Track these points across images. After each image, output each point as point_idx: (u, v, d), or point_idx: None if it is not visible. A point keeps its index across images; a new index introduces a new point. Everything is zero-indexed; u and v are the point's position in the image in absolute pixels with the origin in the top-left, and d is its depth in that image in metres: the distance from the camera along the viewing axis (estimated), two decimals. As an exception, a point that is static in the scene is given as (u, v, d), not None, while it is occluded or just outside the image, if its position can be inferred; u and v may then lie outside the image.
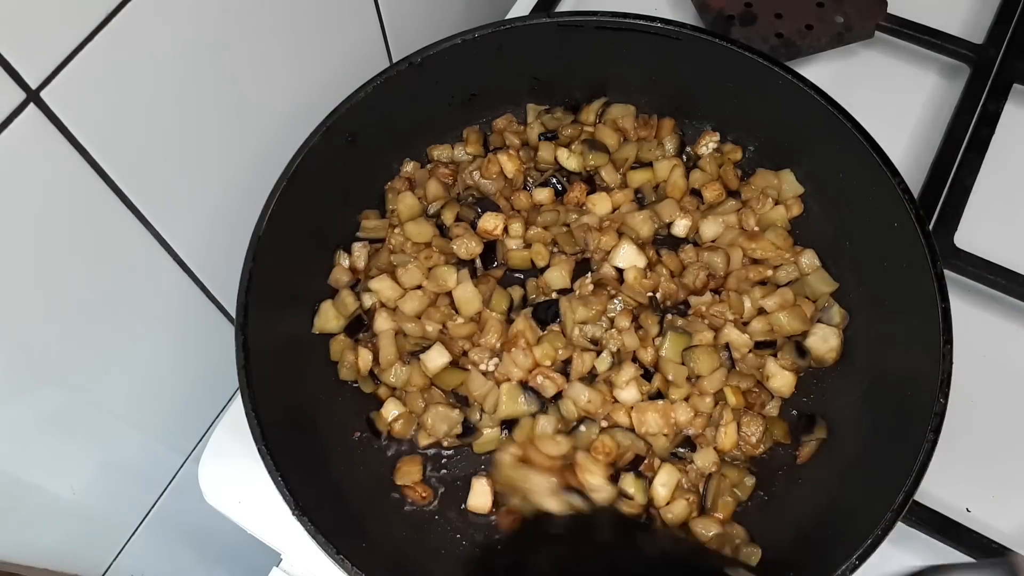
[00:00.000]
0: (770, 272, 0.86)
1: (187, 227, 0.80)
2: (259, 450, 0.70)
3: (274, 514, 0.78)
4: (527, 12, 1.04)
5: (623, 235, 0.87)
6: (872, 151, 0.78)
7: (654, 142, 0.92)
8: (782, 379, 0.82)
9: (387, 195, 0.92)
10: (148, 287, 0.79)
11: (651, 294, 0.86)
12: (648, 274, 0.86)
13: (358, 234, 0.89)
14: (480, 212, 0.88)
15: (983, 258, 0.86)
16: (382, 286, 0.85)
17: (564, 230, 0.89)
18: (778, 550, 0.75)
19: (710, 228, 0.88)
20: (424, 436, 0.82)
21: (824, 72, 1.00)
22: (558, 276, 0.86)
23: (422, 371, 0.82)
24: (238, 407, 0.83)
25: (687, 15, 1.05)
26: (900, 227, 0.76)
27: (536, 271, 0.88)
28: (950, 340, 0.71)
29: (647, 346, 0.83)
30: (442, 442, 0.82)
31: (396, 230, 0.88)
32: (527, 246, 0.89)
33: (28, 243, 0.64)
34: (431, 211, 0.91)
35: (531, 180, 0.93)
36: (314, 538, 0.68)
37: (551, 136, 0.93)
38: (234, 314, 0.75)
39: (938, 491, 0.78)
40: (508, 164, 0.91)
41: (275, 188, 0.79)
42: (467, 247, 0.86)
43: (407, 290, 0.85)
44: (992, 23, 0.99)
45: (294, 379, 0.80)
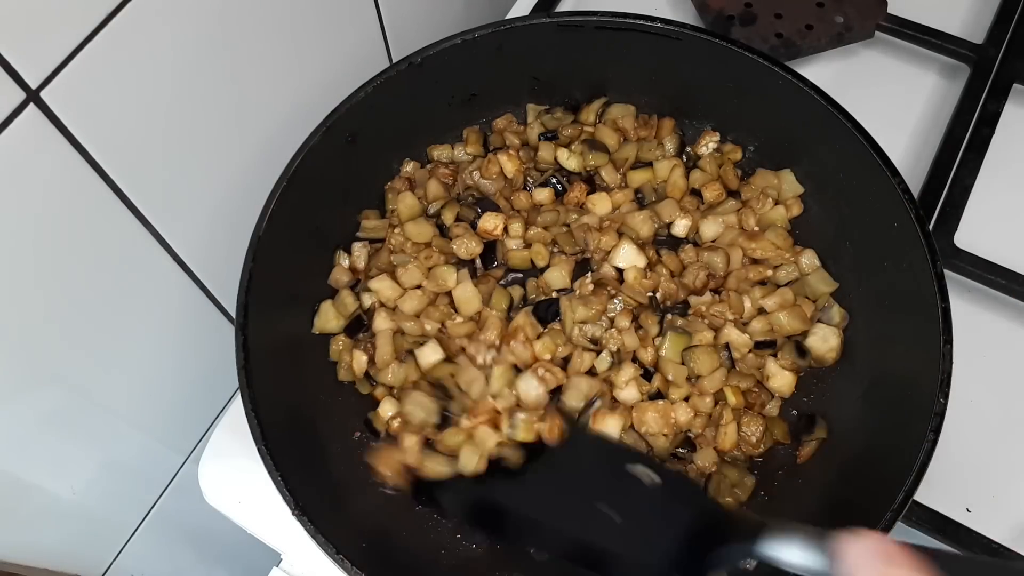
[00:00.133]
0: (770, 272, 0.86)
1: (187, 227, 0.80)
2: (259, 450, 0.70)
3: (274, 514, 0.78)
4: (527, 12, 1.04)
5: (623, 235, 0.87)
6: (872, 151, 0.78)
7: (654, 142, 0.92)
8: (782, 379, 0.82)
9: (387, 195, 0.92)
10: (148, 287, 0.79)
11: (651, 294, 0.86)
12: (648, 274, 0.86)
13: (358, 234, 0.89)
14: (480, 212, 0.88)
15: (983, 258, 0.86)
16: (382, 286, 0.85)
17: (564, 230, 0.89)
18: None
19: (710, 228, 0.88)
20: (406, 433, 0.79)
21: (824, 72, 1.00)
22: (558, 276, 0.86)
23: (416, 367, 0.82)
24: (238, 407, 0.83)
25: (687, 15, 1.05)
26: (900, 227, 0.76)
27: (536, 271, 0.88)
28: (950, 340, 0.71)
29: (647, 346, 0.83)
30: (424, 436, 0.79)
31: (396, 230, 0.88)
32: (527, 246, 0.89)
33: (28, 243, 0.64)
34: (431, 211, 0.91)
35: (531, 180, 0.93)
36: (314, 538, 0.68)
37: (551, 136, 0.93)
38: (234, 314, 0.75)
39: (938, 491, 0.78)
40: (508, 164, 0.91)
41: (275, 188, 0.79)
42: (467, 247, 0.86)
43: (407, 290, 0.85)
44: (992, 23, 0.99)
45: (294, 379, 0.80)
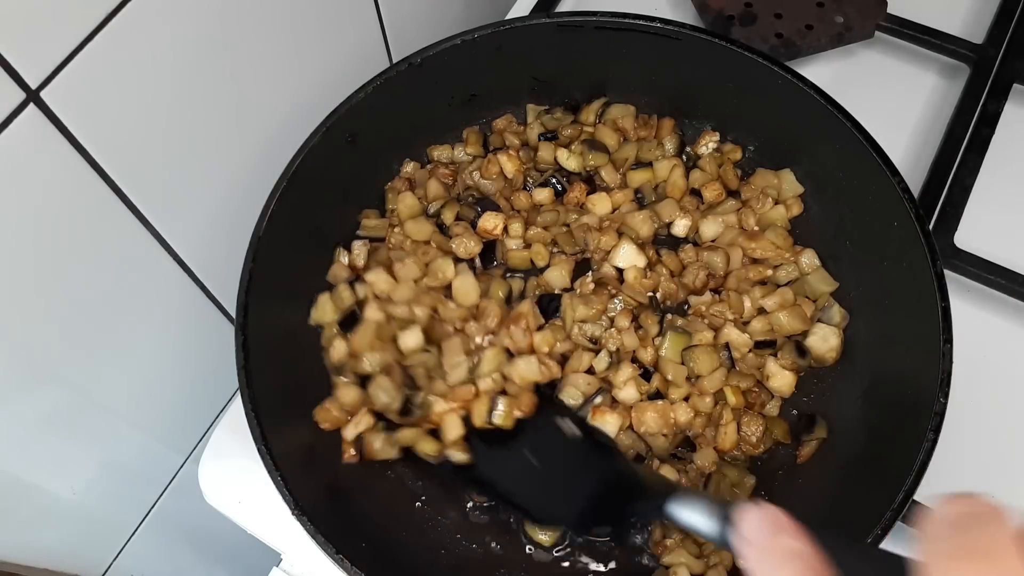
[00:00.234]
0: (770, 272, 0.86)
1: (187, 227, 0.80)
2: (259, 450, 0.70)
3: (274, 514, 0.78)
4: (527, 12, 1.04)
5: (623, 235, 0.87)
6: (872, 151, 0.78)
7: (654, 142, 0.92)
8: (782, 379, 0.82)
9: (387, 195, 0.92)
10: (148, 287, 0.79)
11: (651, 294, 0.86)
12: (648, 274, 0.86)
13: (358, 232, 0.89)
14: (480, 212, 0.88)
15: (983, 258, 0.86)
16: (377, 278, 0.83)
17: (564, 230, 0.89)
18: (778, 550, 0.75)
19: (710, 228, 0.88)
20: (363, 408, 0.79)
21: (824, 72, 1.00)
22: (558, 276, 0.86)
23: (394, 353, 0.79)
24: (238, 407, 0.83)
25: (687, 15, 1.05)
26: (900, 227, 0.76)
27: (536, 271, 0.88)
28: (950, 340, 0.71)
29: (647, 346, 0.83)
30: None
31: (396, 229, 0.88)
32: (527, 246, 0.89)
33: (28, 243, 0.64)
34: (431, 211, 0.91)
35: (531, 180, 0.93)
36: (314, 538, 0.68)
37: (551, 136, 0.93)
38: (234, 314, 0.75)
39: (938, 491, 0.77)
40: (508, 164, 0.91)
41: (275, 188, 0.79)
42: (466, 246, 0.86)
43: (402, 282, 0.83)
44: (992, 23, 0.99)
45: (294, 379, 0.80)
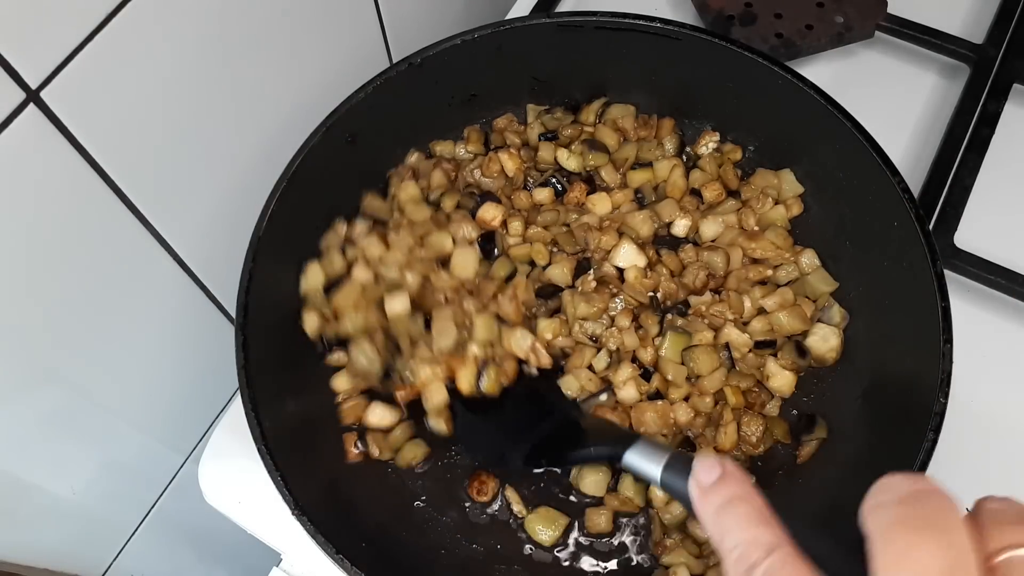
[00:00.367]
0: (770, 272, 0.86)
1: (187, 227, 0.80)
2: (259, 450, 0.70)
3: (274, 514, 0.78)
4: (527, 12, 1.04)
5: (623, 235, 0.87)
6: (872, 151, 0.78)
7: (654, 142, 0.92)
8: (782, 379, 0.82)
9: (391, 179, 0.91)
10: (148, 287, 0.79)
11: (651, 294, 0.86)
12: (648, 274, 0.86)
13: (361, 211, 0.87)
14: (480, 202, 0.88)
15: (983, 258, 0.86)
16: (370, 243, 0.81)
17: (564, 230, 0.89)
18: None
19: (710, 228, 0.88)
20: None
21: (824, 72, 1.00)
22: (559, 273, 0.86)
23: (378, 316, 0.79)
24: (238, 407, 0.83)
25: (687, 15, 1.05)
26: (900, 227, 0.76)
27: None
28: (950, 340, 0.71)
29: (647, 346, 0.83)
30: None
31: (396, 214, 0.87)
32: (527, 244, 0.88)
33: (28, 243, 0.64)
34: (431, 198, 0.90)
35: (531, 180, 0.93)
36: (314, 538, 0.68)
37: (551, 136, 0.93)
38: (234, 314, 0.75)
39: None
40: (509, 163, 0.91)
41: (275, 188, 0.79)
42: (464, 230, 0.85)
43: (395, 249, 0.82)
44: (992, 23, 0.99)
45: (294, 378, 0.80)
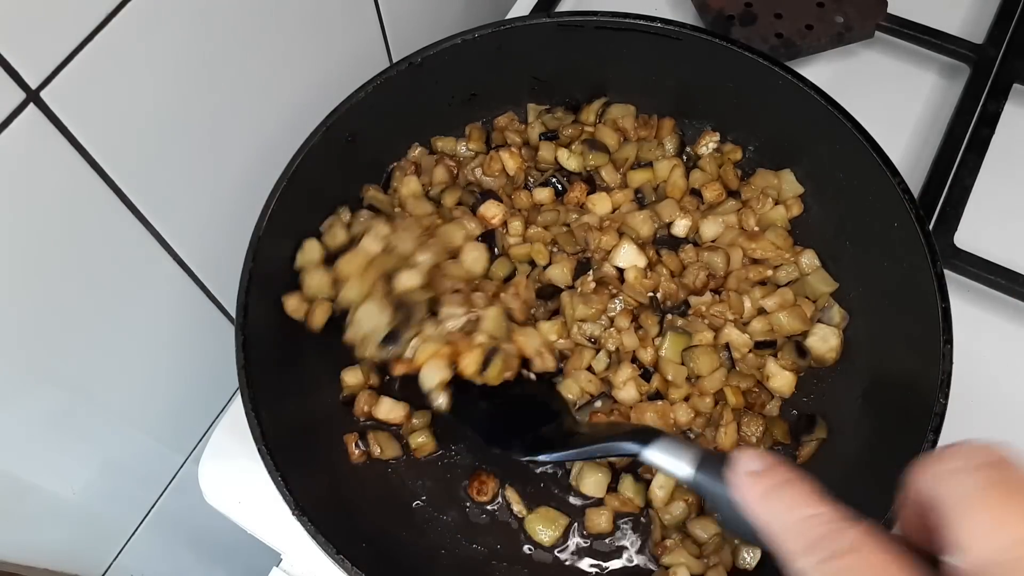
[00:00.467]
0: (770, 272, 0.86)
1: (187, 227, 0.80)
2: (259, 450, 0.70)
3: (274, 514, 0.78)
4: (527, 12, 1.04)
5: (623, 235, 0.87)
6: (872, 151, 0.78)
7: (654, 142, 0.92)
8: (782, 379, 0.82)
9: (394, 173, 0.91)
10: (148, 287, 0.79)
11: (651, 294, 0.86)
12: (648, 274, 0.86)
13: (364, 203, 0.87)
14: (481, 199, 0.88)
15: (983, 258, 0.86)
16: (378, 223, 0.80)
17: (564, 230, 0.89)
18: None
19: (710, 228, 0.88)
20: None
21: (824, 72, 1.00)
22: (559, 273, 0.86)
23: (385, 288, 0.76)
24: (238, 407, 0.83)
25: (687, 15, 1.05)
26: (900, 227, 0.76)
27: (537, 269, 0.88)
28: (950, 340, 0.71)
29: (647, 346, 0.83)
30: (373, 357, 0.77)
31: (396, 209, 0.88)
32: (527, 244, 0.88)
33: (28, 243, 0.64)
34: (432, 193, 0.90)
35: (531, 180, 0.93)
36: (314, 538, 0.68)
37: (551, 136, 0.93)
38: (234, 314, 0.75)
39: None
40: (510, 161, 0.91)
41: (275, 188, 0.79)
42: (465, 227, 0.85)
43: (405, 232, 0.81)
44: (992, 23, 0.99)
45: (295, 378, 0.80)
